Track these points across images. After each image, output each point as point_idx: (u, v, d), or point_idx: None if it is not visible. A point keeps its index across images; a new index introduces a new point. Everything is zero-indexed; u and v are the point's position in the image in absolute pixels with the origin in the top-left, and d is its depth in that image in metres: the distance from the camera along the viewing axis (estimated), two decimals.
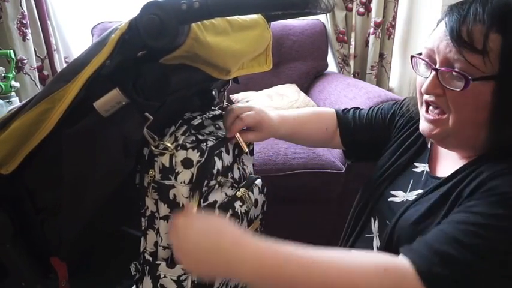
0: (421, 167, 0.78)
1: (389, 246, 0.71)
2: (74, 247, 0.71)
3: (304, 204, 1.67)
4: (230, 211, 0.68)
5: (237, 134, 0.75)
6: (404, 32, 2.35)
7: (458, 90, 0.62)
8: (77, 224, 0.64)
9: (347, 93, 1.83)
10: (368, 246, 0.79)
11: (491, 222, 0.57)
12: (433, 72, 0.65)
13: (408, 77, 2.35)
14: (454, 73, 0.62)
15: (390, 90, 2.40)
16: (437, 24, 0.68)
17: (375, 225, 0.80)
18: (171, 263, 0.65)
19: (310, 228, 1.70)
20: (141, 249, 0.67)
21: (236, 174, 0.76)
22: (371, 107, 0.96)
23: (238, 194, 0.72)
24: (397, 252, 0.65)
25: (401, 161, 0.82)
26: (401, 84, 2.42)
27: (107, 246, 0.87)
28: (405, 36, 2.35)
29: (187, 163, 0.61)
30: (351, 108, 0.97)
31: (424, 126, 0.71)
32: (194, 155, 0.62)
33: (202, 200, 0.64)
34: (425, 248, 0.57)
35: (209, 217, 0.61)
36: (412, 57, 0.71)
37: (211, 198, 0.67)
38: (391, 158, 0.84)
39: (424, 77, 0.68)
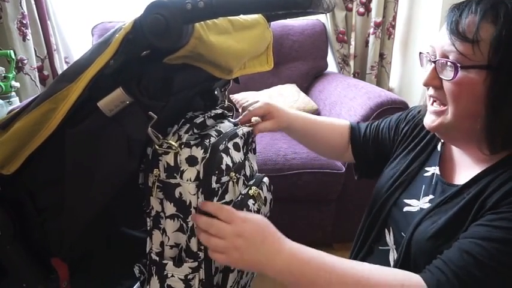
0: (431, 170, 0.77)
1: (407, 260, 0.69)
2: (76, 248, 0.70)
3: (304, 204, 1.67)
4: (244, 209, 0.68)
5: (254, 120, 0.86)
6: (404, 32, 2.35)
7: (449, 79, 0.64)
8: (79, 225, 0.64)
9: (347, 93, 1.83)
10: (384, 259, 0.77)
11: None
12: (432, 65, 0.68)
13: (408, 77, 2.35)
14: (447, 63, 0.65)
15: (390, 90, 2.40)
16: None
17: (390, 237, 0.78)
18: (178, 261, 0.64)
19: (310, 228, 1.70)
20: (147, 250, 0.67)
21: (248, 172, 0.76)
22: (384, 118, 0.95)
23: (251, 192, 0.72)
24: (414, 266, 0.66)
25: (412, 167, 0.80)
26: (401, 84, 2.42)
27: (107, 246, 0.87)
28: (405, 36, 2.35)
29: (192, 161, 0.61)
30: (369, 122, 0.98)
31: (426, 118, 0.73)
32: (198, 152, 0.61)
33: (217, 199, 0.64)
34: (445, 268, 0.57)
35: (254, 217, 0.64)
36: (420, 53, 0.74)
37: (228, 197, 0.67)
38: (401, 165, 0.82)
39: (426, 70, 0.71)
